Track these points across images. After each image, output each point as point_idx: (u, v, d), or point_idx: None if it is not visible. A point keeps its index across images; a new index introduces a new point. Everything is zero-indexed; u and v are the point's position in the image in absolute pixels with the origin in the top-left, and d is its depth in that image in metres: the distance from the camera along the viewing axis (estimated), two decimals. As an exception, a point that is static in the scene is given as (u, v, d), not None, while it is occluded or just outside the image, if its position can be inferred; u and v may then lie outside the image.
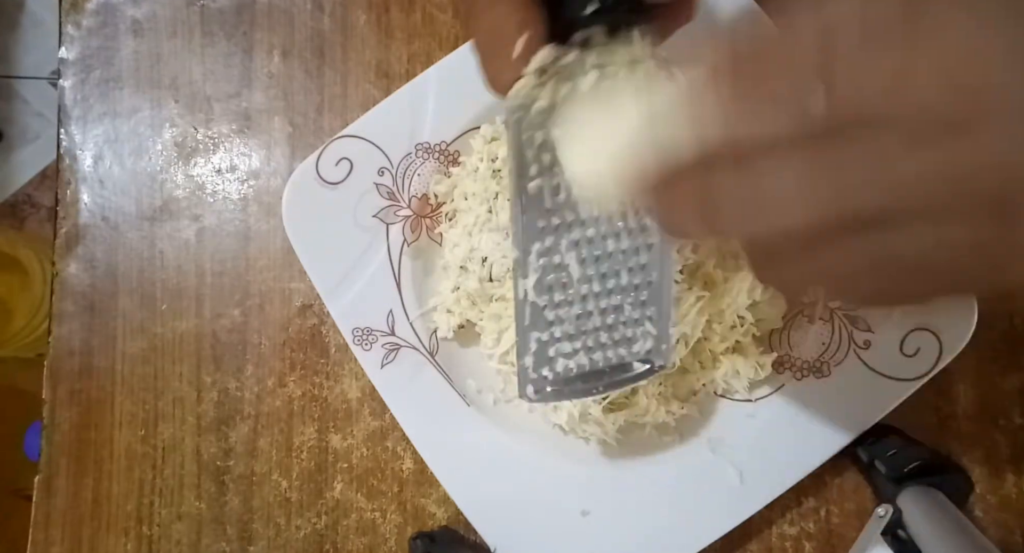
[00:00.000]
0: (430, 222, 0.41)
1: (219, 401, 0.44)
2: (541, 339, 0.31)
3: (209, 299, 0.45)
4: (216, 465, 0.44)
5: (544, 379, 0.31)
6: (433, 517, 0.43)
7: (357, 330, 0.39)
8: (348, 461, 0.43)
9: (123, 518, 0.44)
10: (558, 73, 0.26)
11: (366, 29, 0.45)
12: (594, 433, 0.40)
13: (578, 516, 0.39)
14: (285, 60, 0.46)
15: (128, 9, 0.46)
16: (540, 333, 0.31)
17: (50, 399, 0.45)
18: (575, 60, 0.26)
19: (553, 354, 0.31)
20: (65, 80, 0.46)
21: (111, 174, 0.46)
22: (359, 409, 0.43)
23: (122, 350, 0.45)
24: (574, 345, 0.31)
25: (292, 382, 0.44)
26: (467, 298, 0.39)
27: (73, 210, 0.46)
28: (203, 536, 0.44)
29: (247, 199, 0.45)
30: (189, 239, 0.45)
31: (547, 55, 0.25)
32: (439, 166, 0.40)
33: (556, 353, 0.31)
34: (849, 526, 0.41)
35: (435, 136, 0.40)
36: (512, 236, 0.29)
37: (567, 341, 0.31)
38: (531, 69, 0.25)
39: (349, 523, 0.43)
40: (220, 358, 0.44)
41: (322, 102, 0.45)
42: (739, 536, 0.40)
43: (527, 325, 0.30)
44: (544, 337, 0.31)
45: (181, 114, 0.46)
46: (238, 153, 0.46)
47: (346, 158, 0.40)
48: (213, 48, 0.46)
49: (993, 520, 0.41)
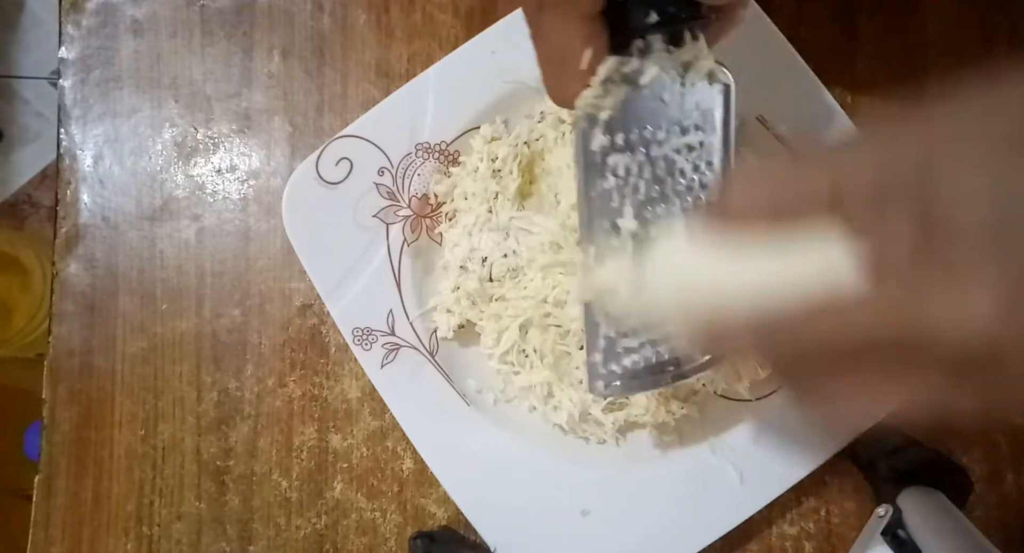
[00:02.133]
0: (430, 222, 0.41)
1: (219, 401, 0.44)
2: (608, 335, 0.31)
3: (209, 299, 0.45)
4: (216, 465, 0.44)
5: (613, 373, 0.31)
6: (433, 517, 0.43)
7: (357, 330, 0.39)
8: (348, 461, 0.43)
9: (123, 518, 0.44)
10: (620, 81, 0.27)
11: (366, 29, 0.45)
12: (594, 433, 0.40)
13: (578, 516, 0.39)
14: (285, 60, 0.46)
15: (128, 9, 0.46)
16: (608, 329, 0.31)
17: (50, 399, 0.45)
18: (637, 67, 0.27)
19: (620, 349, 0.31)
20: (65, 80, 0.46)
21: (111, 174, 0.46)
22: (359, 409, 0.43)
23: (122, 350, 0.45)
24: (640, 339, 0.31)
25: (292, 382, 0.44)
26: (467, 298, 0.39)
27: (73, 210, 0.46)
28: (203, 536, 0.44)
29: (247, 199, 0.45)
30: (189, 239, 0.45)
31: (612, 65, 0.27)
32: (439, 166, 0.40)
33: (623, 348, 0.31)
34: (849, 526, 0.41)
35: (435, 136, 0.40)
36: (580, 237, 0.30)
37: (633, 335, 0.31)
38: (598, 79, 0.27)
39: (349, 523, 0.43)
40: (220, 358, 0.44)
41: (322, 102, 0.45)
42: (739, 536, 0.40)
43: (595, 321, 0.30)
44: (611, 333, 0.31)
45: (181, 114, 0.46)
46: (238, 153, 0.46)
47: (346, 158, 0.40)
48: (213, 48, 0.46)
49: (993, 520, 0.41)
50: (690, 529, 0.38)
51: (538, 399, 0.39)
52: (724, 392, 0.39)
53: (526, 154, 0.40)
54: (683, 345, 0.31)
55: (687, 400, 0.39)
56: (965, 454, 0.41)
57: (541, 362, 0.39)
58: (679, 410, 0.38)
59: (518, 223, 0.39)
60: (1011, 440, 0.41)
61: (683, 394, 0.39)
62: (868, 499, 0.41)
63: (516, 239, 0.39)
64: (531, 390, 0.39)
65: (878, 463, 0.38)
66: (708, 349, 0.30)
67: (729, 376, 0.38)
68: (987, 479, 0.41)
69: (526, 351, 0.39)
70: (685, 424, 0.39)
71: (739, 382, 0.38)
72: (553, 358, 0.38)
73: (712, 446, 0.39)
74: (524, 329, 0.39)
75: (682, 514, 0.38)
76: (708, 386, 0.39)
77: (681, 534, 0.38)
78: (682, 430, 0.39)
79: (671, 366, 0.32)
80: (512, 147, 0.39)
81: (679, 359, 0.32)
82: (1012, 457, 0.41)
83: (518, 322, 0.38)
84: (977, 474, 0.41)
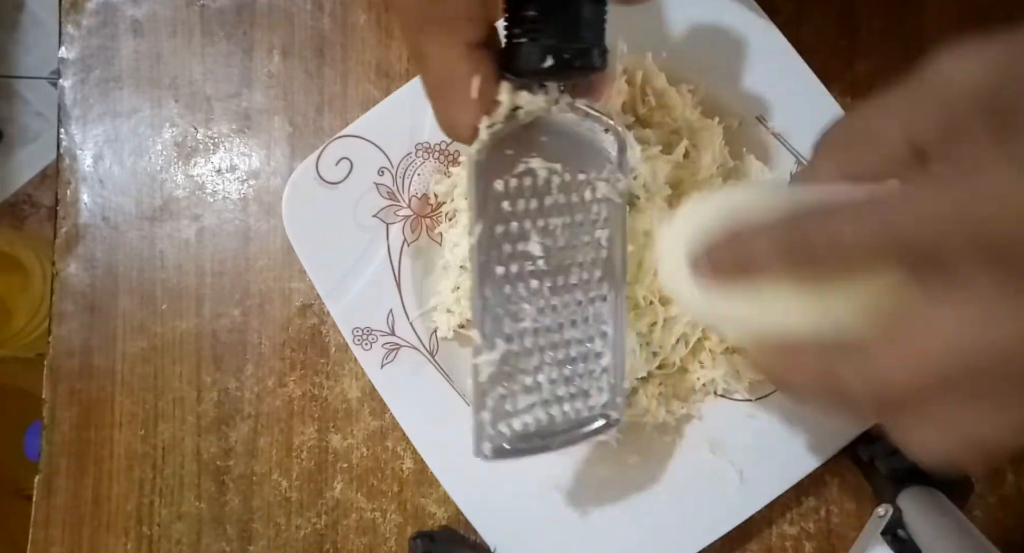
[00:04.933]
0: (430, 222, 0.41)
1: (219, 401, 0.44)
2: (499, 393, 0.30)
3: (209, 299, 0.45)
4: (216, 465, 0.44)
5: (502, 435, 0.30)
6: (433, 517, 0.43)
7: (357, 330, 0.39)
8: (348, 461, 0.43)
9: (123, 518, 0.44)
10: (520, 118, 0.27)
11: (366, 29, 0.45)
12: (594, 433, 0.40)
13: (578, 516, 0.39)
14: (285, 60, 0.46)
15: (128, 9, 0.46)
16: (499, 387, 0.30)
17: (50, 399, 0.45)
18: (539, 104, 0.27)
19: (511, 409, 0.30)
20: (65, 80, 0.46)
21: (111, 174, 0.46)
22: (359, 409, 0.43)
23: (122, 350, 0.45)
24: (531, 399, 0.30)
25: (292, 382, 0.44)
26: (467, 298, 0.39)
27: (73, 210, 0.46)
28: (203, 536, 0.44)
29: (247, 199, 0.45)
30: (189, 239, 0.45)
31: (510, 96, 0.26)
32: (439, 166, 0.40)
33: (514, 408, 0.30)
34: (849, 526, 0.41)
35: (435, 136, 0.40)
36: (471, 282, 0.29)
37: (524, 394, 0.30)
38: (502, 113, 0.26)
39: (349, 523, 0.43)
40: (220, 358, 0.44)
41: (322, 102, 0.45)
42: (739, 536, 0.40)
43: (484, 380, 0.30)
44: (502, 390, 0.30)
45: (181, 114, 0.46)
46: (238, 153, 0.46)
47: (346, 158, 0.40)
48: (213, 48, 0.46)
49: (993, 520, 0.41)
50: (690, 529, 0.38)
51: (538, 399, 0.39)
52: (724, 392, 0.39)
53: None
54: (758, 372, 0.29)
55: (687, 400, 0.39)
56: (965, 454, 0.41)
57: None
58: (679, 410, 0.38)
59: (518, 223, 0.39)
60: (1011, 440, 0.41)
61: (683, 394, 0.39)
62: (868, 499, 0.41)
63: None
64: (531, 390, 0.39)
65: (878, 463, 0.38)
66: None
67: (729, 376, 0.38)
68: (987, 479, 0.41)
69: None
70: (685, 424, 0.39)
71: (739, 382, 0.38)
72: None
73: (712, 446, 0.39)
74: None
75: (682, 514, 0.38)
76: (708, 386, 0.39)
77: (681, 534, 0.38)
78: (682, 430, 0.39)
79: (561, 430, 0.31)
80: (512, 147, 0.39)
81: (570, 423, 0.31)
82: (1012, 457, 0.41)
83: (518, 322, 0.38)
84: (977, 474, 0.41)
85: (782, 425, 0.38)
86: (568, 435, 0.31)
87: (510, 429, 0.30)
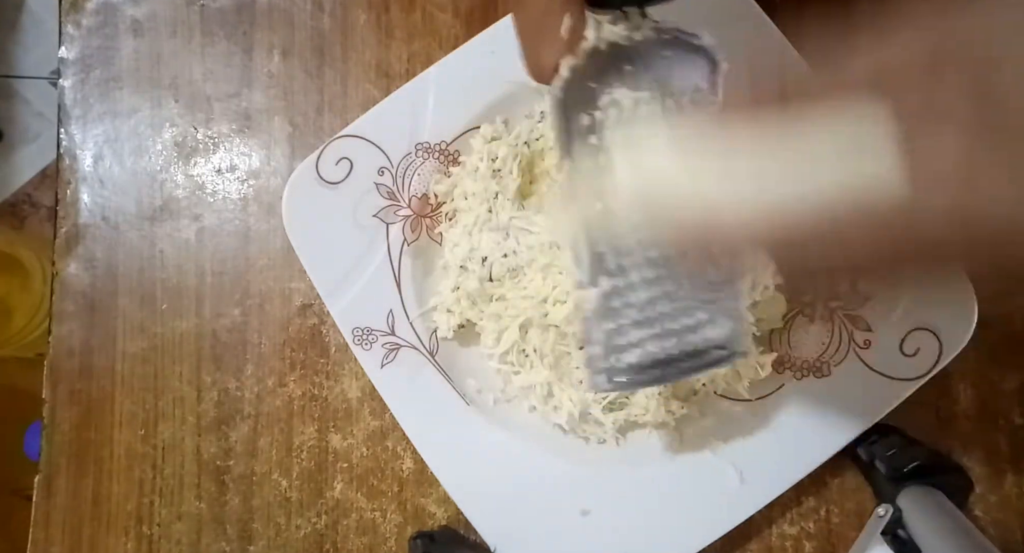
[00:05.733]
0: (430, 222, 0.41)
1: (219, 401, 0.44)
2: (608, 327, 0.29)
3: (209, 299, 0.45)
4: (216, 465, 0.44)
5: (615, 369, 0.30)
6: (433, 517, 0.43)
7: (357, 330, 0.39)
8: (348, 461, 0.43)
9: (123, 518, 0.44)
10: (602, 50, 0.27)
11: (366, 29, 0.45)
12: (594, 433, 0.40)
13: (578, 516, 0.39)
14: (285, 60, 0.46)
15: (128, 9, 0.46)
16: (607, 322, 0.29)
17: (50, 399, 0.45)
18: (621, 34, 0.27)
19: (623, 342, 0.30)
20: (65, 80, 0.46)
21: (111, 174, 0.46)
22: (359, 409, 0.43)
23: (122, 350, 0.45)
24: (643, 333, 0.30)
25: (292, 382, 0.44)
26: (467, 298, 0.39)
27: (73, 210, 0.46)
28: (203, 536, 0.44)
29: (247, 199, 0.45)
30: (189, 239, 0.45)
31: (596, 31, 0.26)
32: (439, 166, 0.40)
33: (626, 341, 0.30)
34: (849, 526, 0.41)
35: (435, 136, 0.40)
36: (558, 154, 0.28)
37: (635, 329, 0.29)
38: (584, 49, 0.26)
39: (349, 523, 0.43)
40: (220, 358, 0.44)
41: (322, 102, 0.45)
42: (739, 536, 0.40)
43: (590, 315, 0.29)
44: (612, 325, 0.29)
45: (181, 114, 0.46)
46: (238, 153, 0.46)
47: (346, 158, 0.40)
48: (213, 48, 0.46)
49: (993, 520, 0.41)
50: (690, 529, 0.38)
51: (538, 399, 0.39)
52: (724, 392, 0.39)
53: (526, 154, 0.40)
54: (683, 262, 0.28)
55: (687, 400, 0.39)
56: (965, 454, 0.41)
57: (541, 362, 0.39)
58: (679, 410, 0.38)
59: (518, 223, 0.39)
60: (1011, 440, 0.41)
61: (683, 394, 0.39)
62: (868, 499, 0.41)
63: (516, 239, 0.39)
64: (531, 390, 0.39)
65: (878, 463, 0.38)
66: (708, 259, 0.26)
67: (729, 376, 0.38)
68: (987, 479, 0.41)
69: (526, 351, 0.39)
70: (685, 424, 0.39)
71: (739, 382, 0.38)
72: (553, 358, 0.38)
73: (712, 446, 0.39)
74: (524, 329, 0.39)
75: (682, 514, 0.38)
76: (708, 386, 0.39)
77: (681, 534, 0.38)
78: (682, 430, 0.39)
79: (679, 361, 0.30)
80: (512, 147, 0.39)
81: (687, 354, 0.30)
82: (1012, 457, 0.41)
83: (518, 322, 0.38)
84: (977, 474, 0.41)
85: (782, 425, 0.38)
86: (685, 365, 0.30)
87: (623, 362, 0.30)
